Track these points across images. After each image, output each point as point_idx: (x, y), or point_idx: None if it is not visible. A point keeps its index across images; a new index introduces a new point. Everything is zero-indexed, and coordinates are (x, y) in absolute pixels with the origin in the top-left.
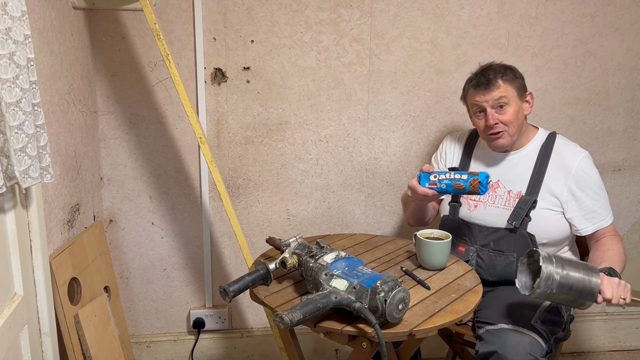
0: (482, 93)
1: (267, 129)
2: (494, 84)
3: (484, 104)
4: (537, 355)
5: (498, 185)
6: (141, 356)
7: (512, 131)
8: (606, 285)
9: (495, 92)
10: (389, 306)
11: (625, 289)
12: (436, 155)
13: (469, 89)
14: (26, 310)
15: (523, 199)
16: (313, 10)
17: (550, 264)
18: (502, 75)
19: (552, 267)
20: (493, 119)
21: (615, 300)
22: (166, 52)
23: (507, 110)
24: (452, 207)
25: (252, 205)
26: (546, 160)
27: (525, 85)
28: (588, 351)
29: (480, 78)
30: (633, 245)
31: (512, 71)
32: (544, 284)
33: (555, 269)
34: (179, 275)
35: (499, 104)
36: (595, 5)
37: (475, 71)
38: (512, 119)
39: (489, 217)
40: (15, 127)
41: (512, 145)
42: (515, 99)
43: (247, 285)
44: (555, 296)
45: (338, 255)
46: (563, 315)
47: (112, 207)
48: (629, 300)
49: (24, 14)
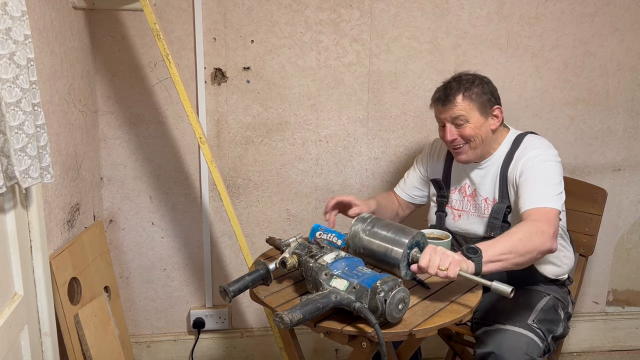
0: (440, 108)
1: (267, 129)
2: (451, 102)
3: (443, 119)
4: (534, 355)
5: (476, 194)
6: (141, 356)
7: (474, 145)
8: (424, 252)
9: (452, 110)
10: (389, 306)
11: (447, 259)
12: (421, 157)
13: (432, 101)
14: (26, 310)
15: (495, 208)
16: (313, 10)
17: (360, 223)
18: (465, 91)
19: (361, 225)
20: (451, 135)
21: (432, 270)
22: (166, 52)
23: (466, 126)
24: (439, 217)
25: (252, 205)
26: (509, 162)
27: (493, 100)
28: (588, 351)
29: (441, 93)
30: (633, 245)
31: (479, 86)
32: (352, 242)
33: (364, 228)
34: (179, 275)
35: (457, 122)
36: (595, 5)
37: (445, 81)
38: (472, 134)
39: (472, 226)
40: (15, 127)
41: (477, 157)
42: (476, 115)
43: (247, 285)
44: (368, 259)
45: (338, 255)
46: (560, 313)
47: (112, 207)
48: (452, 274)
49: (24, 14)
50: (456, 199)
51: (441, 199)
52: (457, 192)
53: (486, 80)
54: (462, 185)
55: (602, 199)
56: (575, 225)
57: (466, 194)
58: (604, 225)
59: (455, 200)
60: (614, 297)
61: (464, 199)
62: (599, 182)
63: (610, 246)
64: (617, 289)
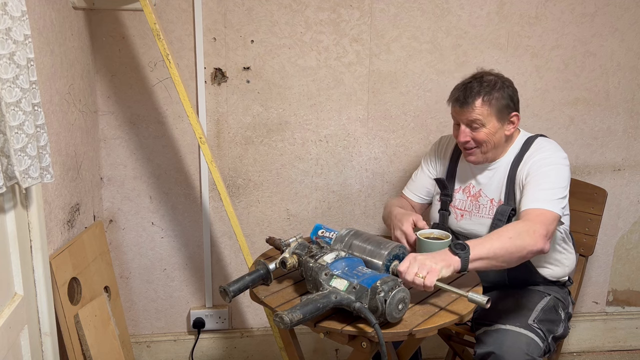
0: (457, 109)
1: (267, 129)
2: (470, 104)
3: (459, 119)
4: (535, 355)
5: (480, 194)
6: (141, 356)
7: (485, 149)
8: (405, 259)
9: (469, 114)
10: (389, 306)
11: (425, 268)
12: (428, 157)
13: (450, 99)
14: (26, 310)
15: (500, 209)
16: (313, 10)
17: (339, 243)
18: (485, 95)
19: (339, 245)
20: (464, 137)
21: (409, 276)
22: (166, 52)
23: (481, 130)
24: (442, 215)
25: (252, 205)
26: (518, 165)
27: (512, 106)
28: (588, 351)
29: (460, 93)
30: (633, 245)
31: (500, 90)
32: None
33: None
34: (179, 275)
35: (473, 125)
36: (595, 5)
37: (465, 79)
38: (485, 139)
39: (475, 226)
40: (15, 127)
41: (487, 160)
42: (492, 121)
43: (247, 285)
44: None
45: (338, 255)
46: (560, 313)
47: (112, 207)
48: (429, 282)
49: (24, 14)
50: (460, 199)
51: (445, 198)
52: (461, 191)
53: (508, 83)
54: (467, 185)
55: (602, 199)
56: (576, 225)
57: (470, 194)
58: (604, 225)
59: (459, 199)
60: (614, 297)
61: (467, 198)
62: (599, 182)
63: (610, 246)
64: (617, 289)
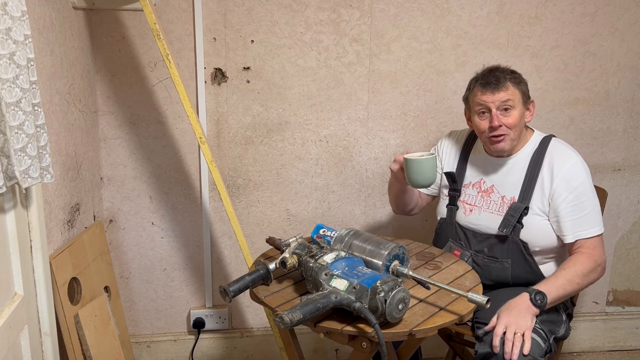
0: (489, 93)
1: (267, 129)
2: (503, 85)
3: (490, 104)
4: (536, 355)
5: (492, 190)
6: (141, 356)
7: (513, 135)
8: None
9: (502, 94)
10: (389, 306)
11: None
12: (436, 150)
13: (475, 87)
14: (26, 310)
15: (514, 206)
16: (313, 10)
17: (338, 243)
18: (512, 78)
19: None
20: (498, 121)
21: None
22: (166, 52)
23: (512, 113)
24: (450, 210)
25: (252, 205)
26: (538, 165)
27: (529, 92)
28: (588, 351)
29: (489, 77)
30: (633, 245)
31: (518, 76)
32: None
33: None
34: (179, 275)
35: (505, 107)
36: (595, 5)
37: (482, 71)
38: (515, 123)
39: (483, 222)
40: (16, 127)
41: (511, 149)
42: (520, 104)
43: (247, 285)
44: None
45: (338, 255)
46: (561, 314)
47: (112, 207)
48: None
49: (24, 14)
50: (470, 194)
51: (453, 193)
52: (471, 186)
53: (519, 73)
54: (478, 180)
55: (602, 199)
56: None
57: (481, 189)
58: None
59: (468, 195)
60: (614, 297)
61: (478, 194)
62: (599, 182)
63: (611, 246)
64: (617, 289)
